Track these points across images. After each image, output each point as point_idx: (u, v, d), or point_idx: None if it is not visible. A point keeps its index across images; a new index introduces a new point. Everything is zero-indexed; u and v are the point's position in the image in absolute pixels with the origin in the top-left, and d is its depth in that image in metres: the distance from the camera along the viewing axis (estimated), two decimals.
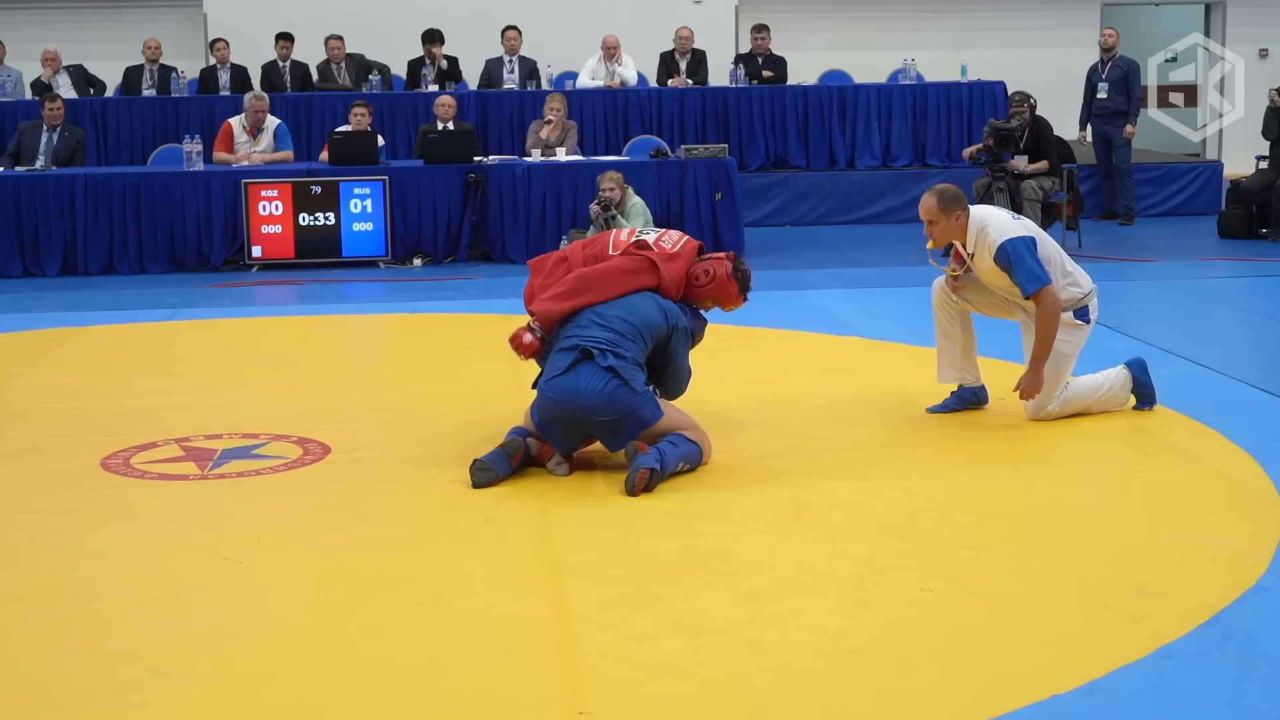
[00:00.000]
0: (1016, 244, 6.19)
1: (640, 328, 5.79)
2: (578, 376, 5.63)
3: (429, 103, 14.05)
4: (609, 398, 5.60)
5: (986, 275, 6.34)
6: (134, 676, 3.91)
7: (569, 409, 5.64)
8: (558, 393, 5.65)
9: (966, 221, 6.29)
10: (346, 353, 9.08)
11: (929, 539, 4.97)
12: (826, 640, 4.08)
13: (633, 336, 5.75)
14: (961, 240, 6.33)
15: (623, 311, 5.82)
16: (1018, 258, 6.16)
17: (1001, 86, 15.19)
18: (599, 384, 5.60)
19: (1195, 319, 9.58)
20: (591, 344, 5.67)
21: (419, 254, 12.52)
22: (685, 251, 6.08)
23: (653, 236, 6.13)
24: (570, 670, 3.90)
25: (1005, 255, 6.18)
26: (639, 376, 5.71)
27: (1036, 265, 6.18)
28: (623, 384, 5.61)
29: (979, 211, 6.35)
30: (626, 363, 5.67)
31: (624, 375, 5.62)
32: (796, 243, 13.61)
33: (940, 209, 6.27)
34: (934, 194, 6.32)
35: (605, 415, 5.63)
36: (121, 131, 14.55)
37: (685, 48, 15.64)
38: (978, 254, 6.29)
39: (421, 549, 4.93)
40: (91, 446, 6.28)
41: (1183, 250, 12.75)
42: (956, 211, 6.27)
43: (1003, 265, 6.20)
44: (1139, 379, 6.61)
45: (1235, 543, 4.84)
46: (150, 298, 10.83)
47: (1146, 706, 3.66)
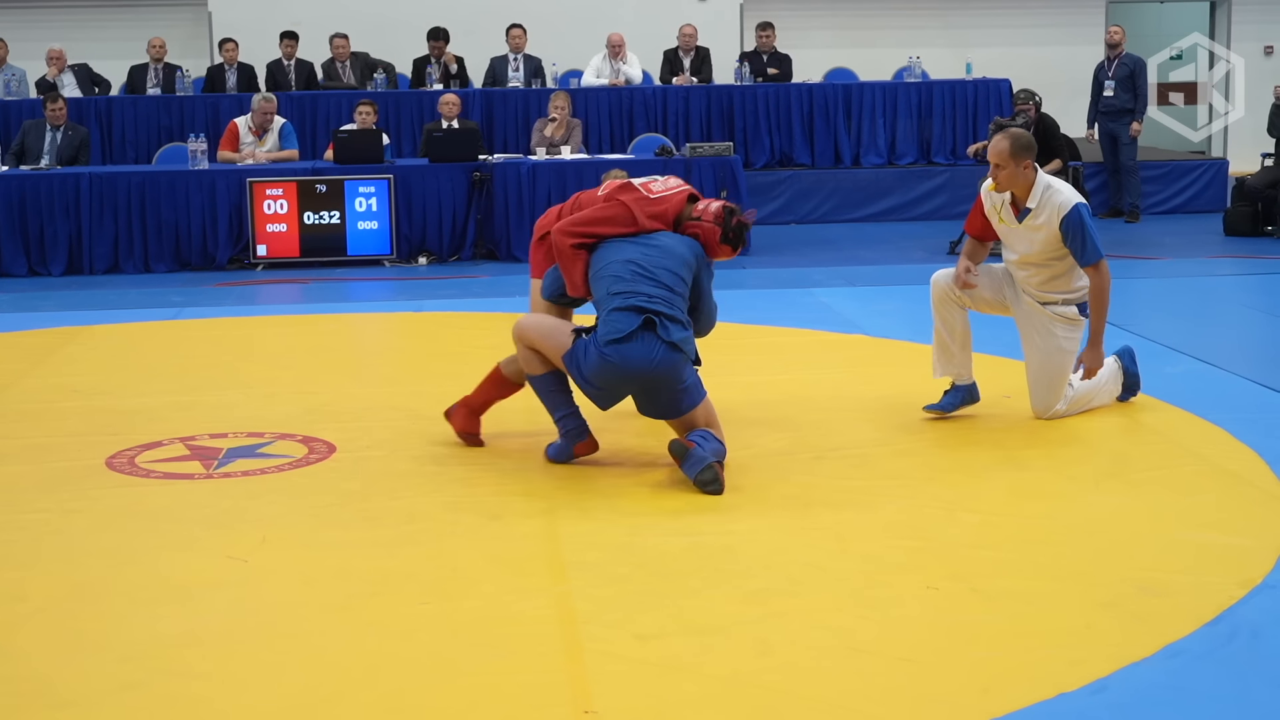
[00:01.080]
0: (1086, 209, 6.29)
1: (682, 274, 5.75)
2: (643, 346, 5.56)
3: (434, 101, 14.05)
4: (671, 370, 5.59)
5: (1034, 242, 6.33)
6: (140, 675, 3.91)
7: (631, 377, 5.62)
8: (624, 360, 5.57)
9: (1032, 175, 6.31)
10: (351, 351, 9.08)
11: (935, 538, 4.97)
12: (833, 639, 4.08)
13: (680, 289, 5.73)
14: (1024, 194, 6.34)
15: (660, 257, 5.75)
16: (1089, 224, 6.26)
17: (1007, 84, 15.17)
18: (661, 354, 5.56)
19: (1201, 316, 9.57)
20: (649, 306, 5.60)
21: (424, 253, 12.52)
22: (675, 198, 5.97)
23: (644, 180, 6.09)
24: (575, 669, 3.90)
25: (1078, 219, 6.23)
26: (693, 343, 5.71)
27: (1098, 236, 6.30)
28: (684, 357, 5.61)
29: (1044, 174, 6.39)
30: (685, 329, 5.66)
31: (685, 349, 5.62)
32: (802, 241, 13.60)
33: (1012, 155, 6.28)
34: (1007, 137, 6.32)
35: (666, 387, 5.63)
36: (126, 130, 14.55)
37: (689, 45, 15.63)
38: (1039, 211, 6.29)
39: (427, 548, 4.93)
40: (96, 446, 6.29)
41: (1188, 247, 12.73)
42: (1026, 160, 6.29)
43: (1069, 229, 6.22)
44: (1127, 369, 6.65)
45: (1241, 540, 4.83)
46: (155, 297, 10.84)
47: (1153, 705, 3.66)
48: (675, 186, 6.04)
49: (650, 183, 6.05)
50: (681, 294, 5.73)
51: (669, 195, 5.97)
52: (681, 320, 5.66)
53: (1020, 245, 6.39)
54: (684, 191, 6.01)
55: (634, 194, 5.96)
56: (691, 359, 5.69)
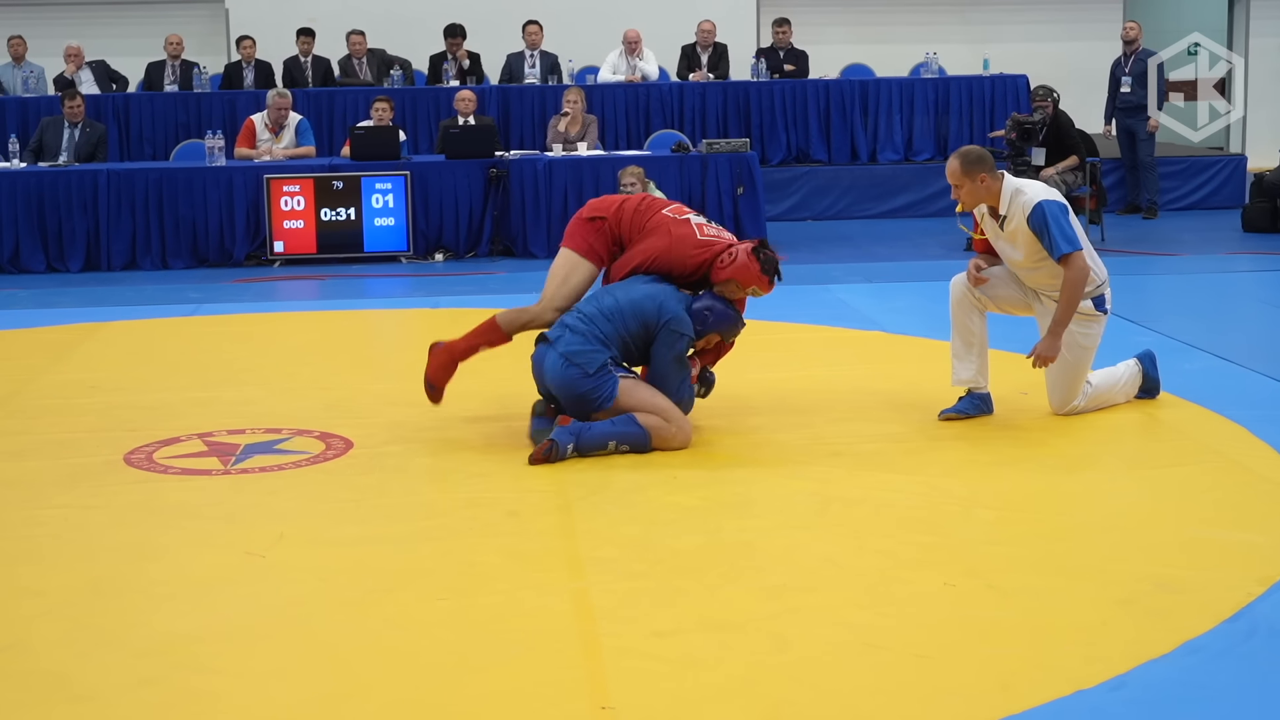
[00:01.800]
0: (1052, 205, 6.20)
1: (626, 308, 6.03)
2: (543, 356, 6.07)
3: (450, 98, 14.05)
4: (561, 378, 5.97)
5: (1018, 246, 6.29)
6: (157, 671, 3.92)
7: (539, 383, 6.14)
8: (533, 365, 6.14)
9: (994, 185, 6.27)
10: (368, 348, 9.10)
11: (952, 534, 4.96)
12: (849, 635, 4.08)
13: (612, 315, 6.01)
14: (994, 203, 6.31)
15: (621, 289, 6.13)
16: (1053, 218, 6.16)
17: (1024, 80, 15.14)
18: (556, 365, 5.98)
19: (1218, 313, 9.54)
20: (558, 326, 6.08)
21: (440, 249, 12.53)
22: (718, 245, 6.21)
23: (701, 221, 6.33)
24: (593, 665, 3.90)
25: (1041, 215, 6.16)
26: (596, 358, 5.94)
27: (1070, 228, 6.20)
28: (575, 368, 5.92)
29: (1014, 179, 6.35)
30: (586, 342, 5.95)
31: (578, 361, 5.92)
32: (818, 237, 13.59)
33: (964, 172, 6.26)
34: (957, 156, 6.32)
35: (560, 394, 6.02)
36: (144, 127, 14.57)
37: (707, 41, 15.62)
38: (1010, 215, 6.26)
39: (444, 544, 4.94)
40: (114, 442, 6.30)
41: (1206, 244, 12.70)
42: (980, 174, 6.24)
43: (1036, 227, 6.17)
44: (1148, 374, 6.62)
45: (1259, 537, 4.82)
46: (173, 293, 10.86)
47: (1171, 702, 3.65)
48: (722, 236, 6.30)
49: (705, 225, 6.31)
50: (611, 320, 6.02)
51: (713, 242, 6.22)
52: (585, 333, 5.96)
53: (1009, 252, 6.37)
54: (727, 242, 6.25)
55: (686, 230, 6.24)
56: (586, 368, 5.92)
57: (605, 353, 5.95)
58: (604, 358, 5.94)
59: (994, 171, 6.28)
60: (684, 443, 5.95)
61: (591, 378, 5.91)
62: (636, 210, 6.33)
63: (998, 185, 6.27)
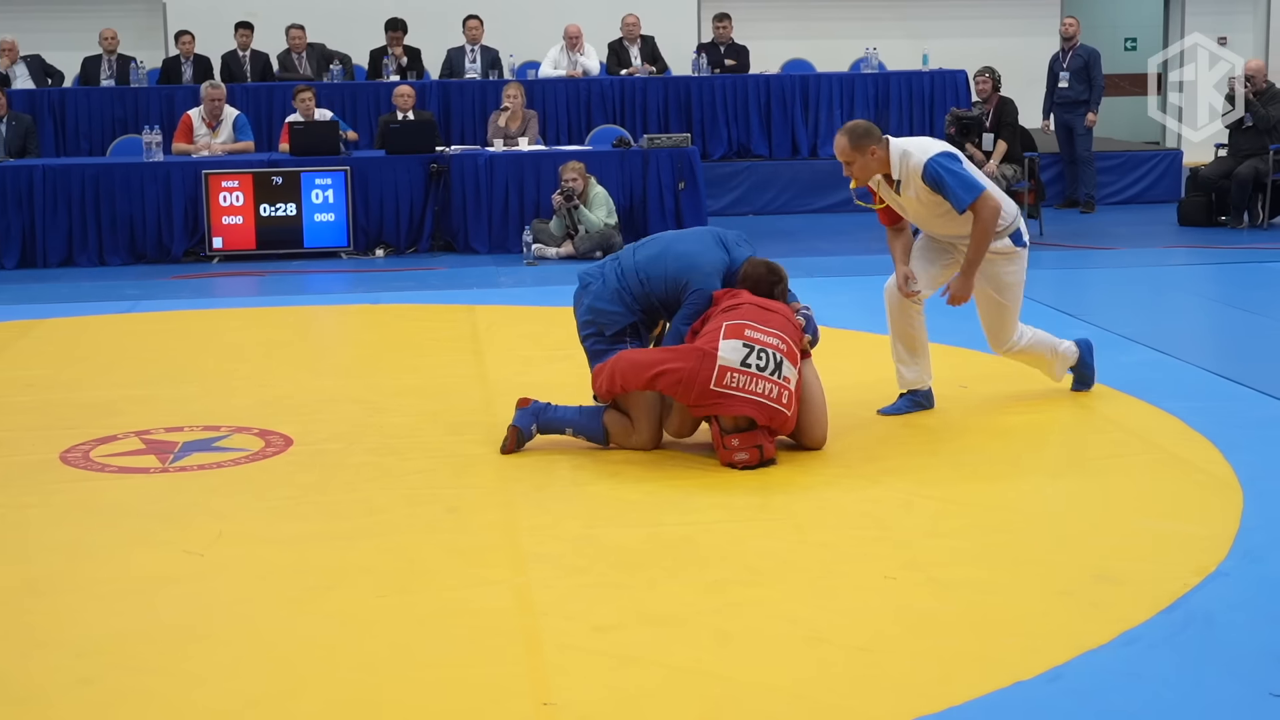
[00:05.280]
0: (941, 159, 6.16)
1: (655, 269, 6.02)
2: (577, 299, 6.15)
3: (390, 93, 13.99)
4: (580, 326, 6.08)
5: (919, 204, 6.27)
6: (96, 671, 3.88)
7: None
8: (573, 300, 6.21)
9: (884, 153, 6.23)
10: (308, 344, 9.04)
11: (893, 527, 4.99)
12: (791, 628, 4.09)
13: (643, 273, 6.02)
14: (885, 172, 6.27)
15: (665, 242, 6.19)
16: (947, 171, 6.12)
17: (963, 75, 15.24)
18: (582, 314, 6.08)
19: (1155, 306, 9.63)
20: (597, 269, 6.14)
21: (381, 244, 12.48)
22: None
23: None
24: (534, 661, 3.89)
25: (934, 172, 6.12)
26: (617, 323, 5.99)
27: (967, 175, 6.17)
28: (593, 327, 6.03)
29: (898, 141, 6.30)
30: (612, 303, 5.98)
31: (599, 321, 6.01)
32: (759, 231, 13.57)
33: (853, 147, 6.20)
34: (844, 133, 6.26)
35: (580, 333, 6.12)
36: (80, 122, 14.43)
37: (633, 35, 15.61)
38: (905, 180, 6.23)
39: (384, 540, 4.92)
40: (50, 440, 6.24)
41: (1143, 238, 12.82)
42: (870, 146, 6.20)
43: (933, 183, 6.13)
44: (1084, 359, 6.67)
45: (1196, 528, 4.87)
46: (110, 289, 10.76)
47: (1108, 691, 3.68)
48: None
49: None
50: (634, 293, 6.01)
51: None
52: (615, 291, 5.98)
53: (913, 213, 6.38)
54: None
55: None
56: (605, 332, 5.98)
57: (628, 319, 6.01)
58: (624, 324, 6.00)
59: (880, 140, 6.24)
60: (642, 445, 5.94)
61: (605, 339, 6.00)
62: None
63: (886, 153, 6.24)
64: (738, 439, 5.61)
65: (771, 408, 5.59)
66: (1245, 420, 6.26)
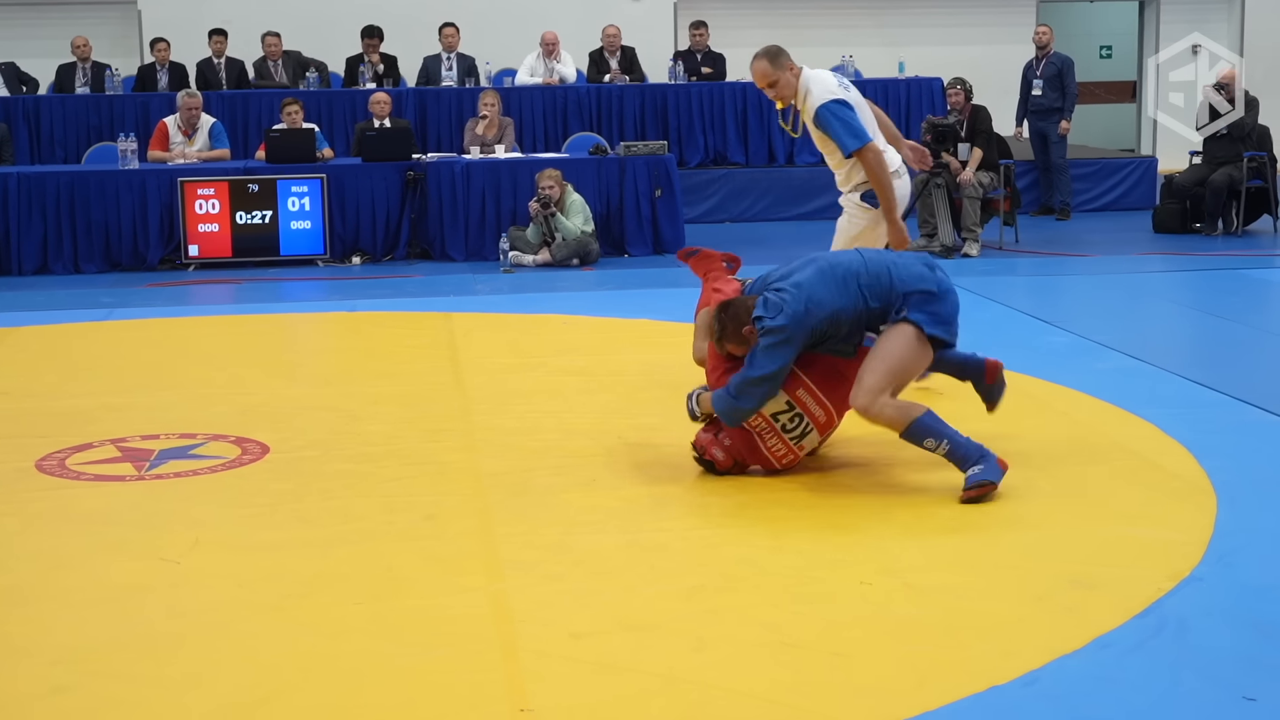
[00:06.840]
0: (832, 106, 6.52)
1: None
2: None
3: (366, 100, 13.98)
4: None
5: (813, 132, 6.68)
6: (71, 679, 3.87)
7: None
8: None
9: (796, 78, 6.58)
10: (285, 352, 9.03)
11: (868, 533, 5.00)
12: (767, 634, 4.10)
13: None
14: (794, 97, 6.61)
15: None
16: (835, 117, 6.51)
17: (939, 83, 15.26)
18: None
19: (1130, 313, 9.67)
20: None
21: (357, 252, 12.46)
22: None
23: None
24: (511, 668, 3.90)
25: (824, 116, 6.51)
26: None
27: (855, 122, 6.53)
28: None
29: (809, 72, 6.65)
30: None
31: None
32: (736, 239, 13.60)
33: (774, 66, 6.57)
34: (761, 57, 6.62)
35: None
36: (55, 130, 14.38)
37: (614, 45, 15.63)
38: (804, 111, 6.62)
39: (361, 548, 4.92)
40: (26, 448, 6.22)
41: (1118, 245, 12.86)
42: (788, 64, 6.58)
43: (822, 127, 6.53)
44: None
45: (1170, 534, 4.89)
46: (85, 298, 10.72)
47: (1083, 696, 3.70)
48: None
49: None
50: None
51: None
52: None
53: (813, 136, 6.74)
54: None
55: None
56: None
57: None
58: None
59: (793, 62, 6.58)
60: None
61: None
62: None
63: (795, 81, 6.58)
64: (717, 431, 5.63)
65: (765, 458, 5.62)
66: (1220, 426, 6.30)
